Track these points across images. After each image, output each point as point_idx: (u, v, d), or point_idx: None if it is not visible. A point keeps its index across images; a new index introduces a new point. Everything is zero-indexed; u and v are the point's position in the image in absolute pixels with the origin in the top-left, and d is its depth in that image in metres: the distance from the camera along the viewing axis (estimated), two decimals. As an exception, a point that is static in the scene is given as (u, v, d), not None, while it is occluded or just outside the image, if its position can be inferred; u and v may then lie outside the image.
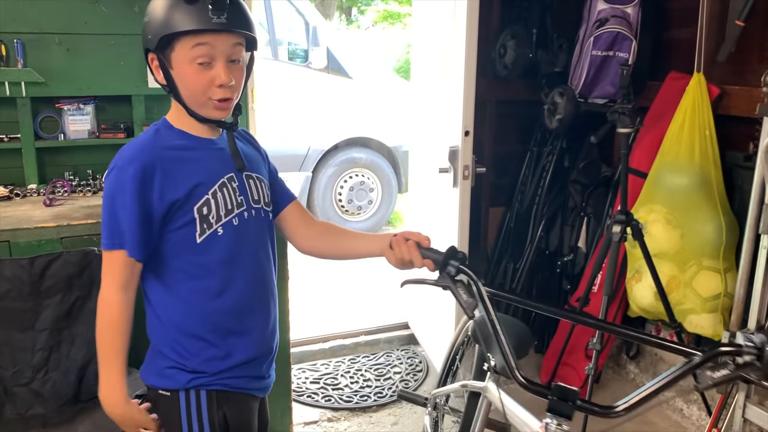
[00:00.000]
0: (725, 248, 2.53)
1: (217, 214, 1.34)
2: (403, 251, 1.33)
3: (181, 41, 1.26)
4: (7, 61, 2.72)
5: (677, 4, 2.99)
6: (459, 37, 2.66)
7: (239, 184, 1.39)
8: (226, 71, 1.29)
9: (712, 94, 2.62)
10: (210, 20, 1.24)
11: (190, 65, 1.28)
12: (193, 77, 1.28)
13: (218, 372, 1.39)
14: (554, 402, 1.08)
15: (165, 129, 1.38)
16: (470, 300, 1.22)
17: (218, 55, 1.28)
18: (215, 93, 1.30)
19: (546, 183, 3.38)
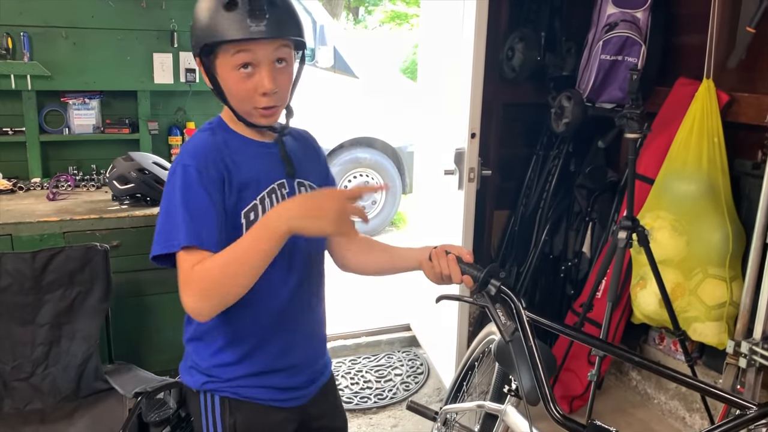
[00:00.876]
0: (731, 256, 2.51)
1: None
2: (442, 265, 1.27)
3: (223, 48, 1.22)
4: (14, 54, 2.72)
5: (687, 10, 2.97)
6: (467, 39, 2.64)
7: (289, 191, 1.33)
8: (270, 78, 1.23)
9: (721, 101, 2.60)
10: (248, 28, 1.18)
11: (233, 72, 1.23)
12: (237, 85, 1.24)
13: (229, 379, 1.35)
14: None
15: (220, 129, 1.32)
16: (509, 323, 1.16)
17: (261, 61, 1.23)
18: (259, 101, 1.25)
19: (551, 187, 3.36)
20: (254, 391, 1.36)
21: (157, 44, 2.92)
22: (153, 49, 2.91)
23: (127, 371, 2.22)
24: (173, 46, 2.92)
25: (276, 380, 1.37)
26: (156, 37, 2.91)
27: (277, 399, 1.38)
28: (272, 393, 1.37)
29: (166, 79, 2.95)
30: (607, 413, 2.98)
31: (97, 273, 2.20)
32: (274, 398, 1.38)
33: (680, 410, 2.92)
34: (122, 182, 2.56)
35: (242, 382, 1.35)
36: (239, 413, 1.35)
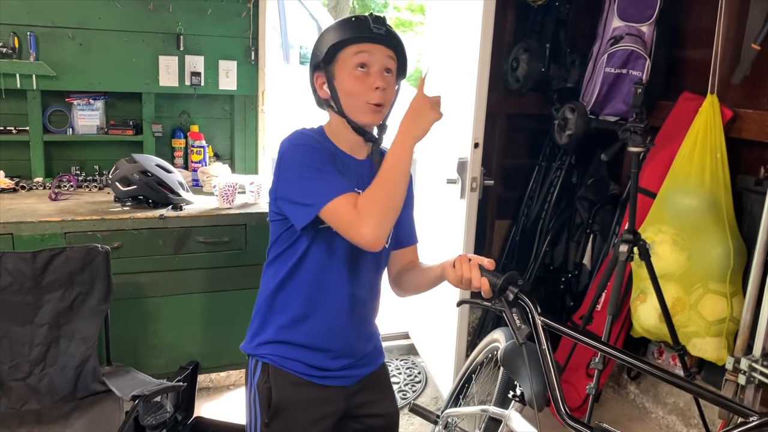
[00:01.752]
0: (732, 272, 2.50)
1: None
2: (464, 269, 1.35)
3: (344, 51, 1.43)
4: (20, 53, 2.73)
5: (693, 25, 2.98)
6: (472, 49, 2.64)
7: None
8: (382, 76, 1.44)
9: (725, 117, 2.60)
10: (371, 30, 1.42)
11: (351, 72, 1.43)
12: (354, 82, 1.43)
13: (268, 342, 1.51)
14: None
15: (322, 136, 1.50)
16: (524, 327, 1.21)
17: (375, 63, 1.43)
18: (372, 96, 1.43)
19: (553, 198, 3.36)
20: (292, 363, 1.50)
21: (163, 47, 2.92)
22: (159, 51, 2.92)
23: (124, 373, 2.21)
24: (179, 49, 2.93)
25: (314, 359, 1.50)
26: (162, 40, 2.92)
27: (313, 375, 1.50)
28: (306, 368, 1.50)
29: (171, 82, 2.96)
30: (604, 426, 2.97)
31: (98, 274, 2.20)
32: (309, 374, 1.50)
33: (678, 425, 2.91)
34: (125, 184, 2.56)
35: (282, 350, 1.50)
36: (274, 382, 1.49)
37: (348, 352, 1.55)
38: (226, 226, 2.59)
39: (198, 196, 2.80)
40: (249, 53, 3.09)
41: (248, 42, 3.08)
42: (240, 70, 3.08)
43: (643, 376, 3.16)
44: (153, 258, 2.50)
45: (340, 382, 1.55)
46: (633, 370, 3.21)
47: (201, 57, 2.99)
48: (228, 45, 3.05)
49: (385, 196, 1.32)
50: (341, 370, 1.54)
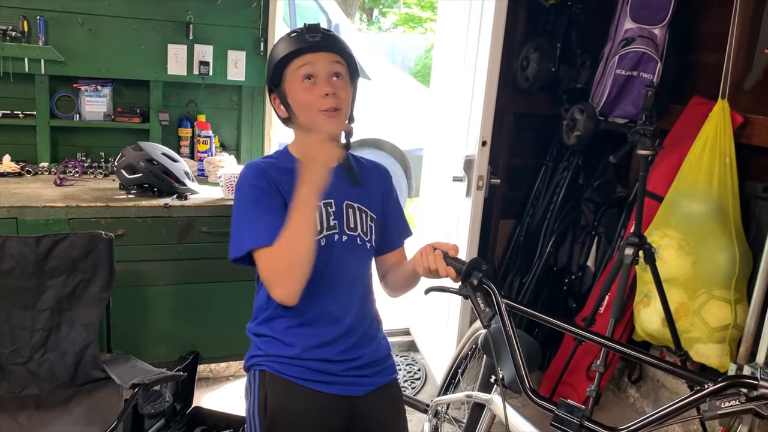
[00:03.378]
0: (737, 279, 2.49)
1: None
2: (429, 259, 1.37)
3: (289, 68, 1.45)
4: (29, 37, 2.72)
5: (706, 29, 2.96)
6: (483, 47, 2.63)
7: (336, 210, 1.49)
8: (327, 82, 1.44)
9: (735, 122, 2.59)
10: (306, 41, 1.43)
11: (299, 85, 1.45)
12: (303, 94, 1.44)
13: (266, 354, 1.47)
14: (560, 417, 1.08)
15: (284, 157, 1.52)
16: (488, 310, 1.25)
17: (320, 71, 1.44)
18: (322, 104, 1.43)
19: (559, 199, 3.35)
20: (286, 367, 1.45)
21: (173, 35, 2.91)
22: (168, 39, 2.91)
23: (124, 361, 2.21)
24: (188, 38, 2.92)
25: (309, 362, 1.46)
26: (171, 28, 2.91)
27: (308, 378, 1.45)
28: (303, 372, 1.45)
29: (180, 71, 2.95)
30: (603, 429, 2.96)
31: (101, 261, 2.20)
32: (304, 377, 1.45)
33: (677, 430, 2.90)
34: (130, 171, 2.55)
35: (276, 356, 1.46)
36: (270, 388, 1.44)
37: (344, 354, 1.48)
38: (230, 216, 2.58)
39: (203, 186, 2.79)
40: (258, 44, 3.07)
41: (258, 33, 3.07)
42: (249, 60, 3.07)
43: (644, 380, 3.15)
44: (156, 247, 2.50)
45: (346, 390, 1.48)
46: (634, 374, 3.20)
47: (210, 46, 2.98)
48: (237, 35, 3.03)
49: (286, 257, 1.32)
50: (341, 377, 1.47)
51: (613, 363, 3.00)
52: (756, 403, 1.00)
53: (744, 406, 1.01)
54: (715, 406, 1.02)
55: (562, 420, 1.08)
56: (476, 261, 1.30)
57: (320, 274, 1.42)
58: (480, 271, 1.29)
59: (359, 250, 1.52)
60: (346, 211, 1.50)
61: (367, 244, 1.53)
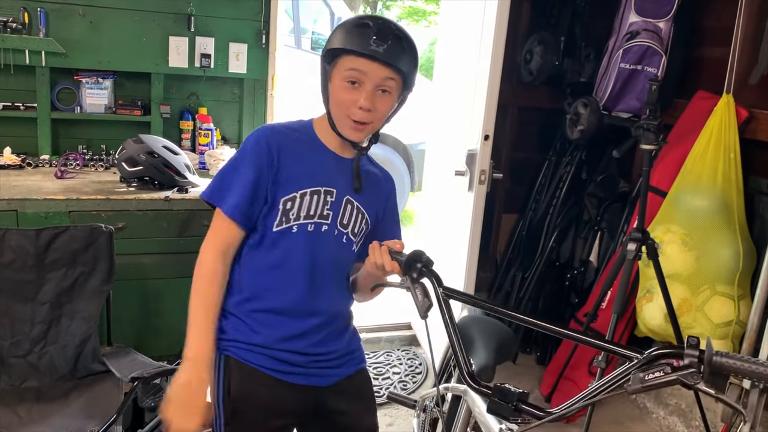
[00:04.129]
0: (741, 275, 2.47)
1: (297, 214, 1.41)
2: (375, 255, 1.37)
3: (342, 58, 1.36)
4: (29, 29, 2.71)
5: (711, 23, 2.93)
6: (486, 40, 2.61)
7: (334, 201, 1.45)
8: (369, 96, 1.36)
9: (740, 117, 2.57)
10: (367, 46, 1.32)
11: (341, 82, 1.37)
12: (340, 93, 1.38)
13: (232, 339, 1.43)
14: (494, 402, 1.09)
15: (306, 129, 1.48)
16: (425, 300, 1.24)
17: (367, 81, 1.35)
18: (354, 113, 1.38)
19: (562, 193, 3.33)
20: (251, 354, 1.42)
21: (174, 27, 2.90)
22: (169, 32, 2.89)
23: (124, 355, 2.20)
24: (190, 30, 2.90)
25: (276, 352, 1.43)
26: (173, 20, 2.90)
27: (273, 368, 1.43)
28: (268, 360, 1.43)
29: (181, 63, 2.93)
30: (604, 425, 2.96)
31: (101, 254, 2.19)
32: (269, 366, 1.43)
33: (679, 426, 2.90)
34: (131, 164, 2.54)
35: (241, 343, 1.43)
36: (233, 374, 1.42)
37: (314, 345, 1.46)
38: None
39: (204, 179, 2.78)
40: (260, 36, 3.06)
41: (260, 25, 3.05)
42: (250, 53, 3.05)
43: (646, 375, 3.13)
44: (157, 240, 2.49)
45: (312, 381, 1.46)
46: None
47: (211, 39, 2.96)
48: (239, 27, 3.02)
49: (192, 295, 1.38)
50: (307, 368, 1.45)
51: (615, 359, 2.99)
52: (680, 373, 0.97)
53: (669, 377, 0.98)
54: (639, 378, 0.99)
55: (496, 405, 1.09)
56: (416, 253, 1.30)
57: (302, 262, 1.42)
58: (420, 262, 1.29)
59: (344, 248, 1.48)
60: (344, 205, 1.46)
61: (354, 245, 1.50)
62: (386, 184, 1.60)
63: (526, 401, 1.08)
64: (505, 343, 1.79)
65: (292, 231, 1.41)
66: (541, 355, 3.41)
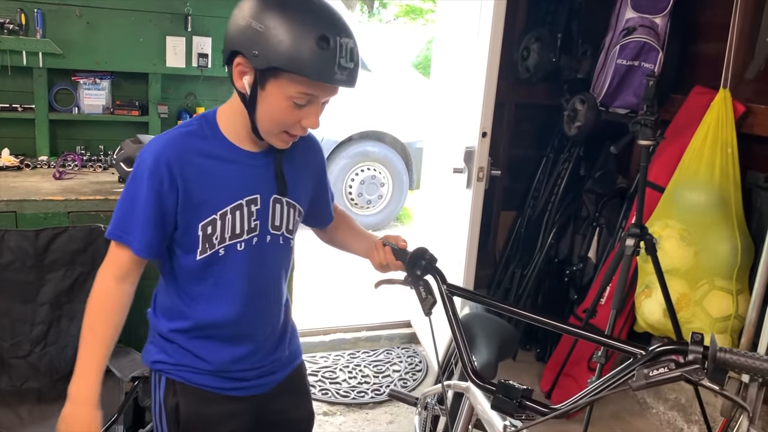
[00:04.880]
0: (739, 269, 2.48)
1: (221, 236, 1.27)
2: (380, 256, 1.36)
3: (292, 78, 1.15)
4: (26, 30, 2.70)
5: (708, 18, 2.94)
6: (483, 37, 2.61)
7: (260, 208, 1.30)
8: (317, 118, 1.23)
9: (737, 112, 2.57)
10: (333, 75, 1.14)
11: (284, 101, 1.18)
12: (283, 113, 1.20)
13: (176, 364, 1.36)
14: (498, 399, 1.09)
15: (208, 128, 1.28)
16: (429, 297, 1.25)
17: (316, 101, 1.21)
18: (295, 130, 1.24)
19: (560, 190, 3.34)
20: (199, 377, 1.35)
21: (171, 27, 2.90)
22: (166, 32, 2.89)
23: (124, 354, 2.20)
24: (187, 30, 2.90)
25: (225, 373, 1.37)
26: (170, 20, 2.89)
27: (223, 387, 1.37)
28: (218, 381, 1.37)
29: (178, 63, 2.93)
30: (604, 420, 2.96)
31: (100, 255, 2.18)
32: (219, 386, 1.37)
33: (679, 421, 2.90)
34: (129, 164, 2.54)
35: (188, 367, 1.35)
36: (181, 397, 1.35)
37: (256, 359, 1.40)
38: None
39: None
40: (257, 36, 3.05)
41: (257, 24, 3.05)
42: (248, 52, 3.05)
43: (645, 371, 3.14)
44: (156, 240, 2.49)
45: (255, 391, 1.41)
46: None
47: (209, 38, 2.96)
48: (236, 27, 3.01)
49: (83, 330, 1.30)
50: (252, 380, 1.40)
51: (615, 354, 3.00)
52: (685, 369, 0.98)
53: (673, 373, 0.98)
54: (644, 375, 1.00)
55: (500, 402, 1.10)
56: (420, 250, 1.31)
57: (238, 286, 1.32)
58: (424, 259, 1.29)
59: (281, 250, 1.37)
60: (273, 207, 1.32)
61: (290, 242, 1.40)
62: (315, 149, 1.45)
63: (530, 398, 1.09)
64: (506, 340, 1.79)
65: (219, 255, 1.28)
66: (540, 352, 3.42)
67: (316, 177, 1.45)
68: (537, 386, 3.18)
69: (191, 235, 1.26)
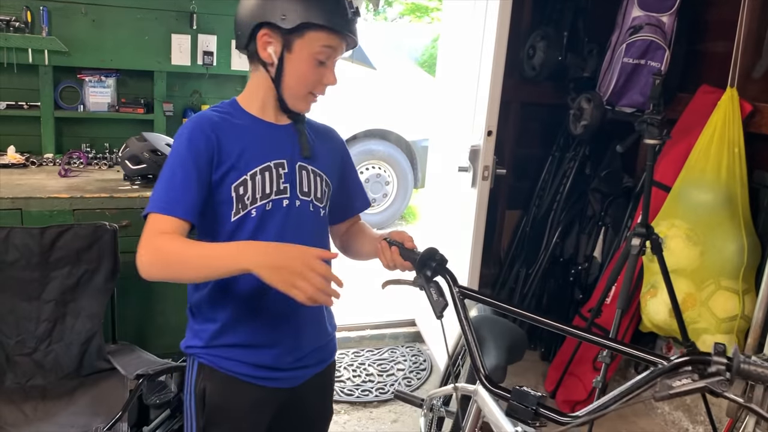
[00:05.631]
0: (746, 269, 2.47)
1: (252, 197, 1.31)
2: (386, 257, 1.36)
3: (315, 33, 1.27)
4: (32, 28, 2.71)
5: (715, 16, 2.92)
6: (489, 36, 2.61)
7: (288, 172, 1.35)
8: (334, 73, 1.33)
9: (744, 111, 2.56)
10: (348, 26, 1.28)
11: (310, 59, 1.29)
12: (310, 71, 1.31)
13: (208, 346, 1.37)
14: (513, 406, 1.07)
15: (233, 108, 1.38)
16: (440, 300, 1.23)
17: (333, 56, 1.32)
18: (318, 89, 1.34)
19: (566, 189, 3.32)
20: (230, 363, 1.36)
21: (176, 25, 2.90)
22: (172, 29, 2.89)
23: (129, 352, 2.21)
24: (192, 28, 2.90)
25: (254, 356, 1.37)
26: (175, 18, 2.89)
27: (253, 375, 1.37)
28: (248, 368, 1.37)
29: (184, 61, 2.93)
30: (609, 420, 2.95)
31: (105, 252, 2.19)
32: (248, 374, 1.37)
33: (684, 421, 2.89)
34: (134, 162, 2.55)
35: (220, 352, 1.36)
36: (210, 382, 1.36)
37: (291, 347, 1.40)
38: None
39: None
40: (262, 34, 3.05)
41: (262, 22, 3.04)
42: (253, 50, 3.05)
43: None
44: (161, 237, 2.49)
45: (286, 384, 1.41)
46: (640, 365, 3.18)
47: (214, 36, 2.96)
48: (241, 25, 3.01)
49: (174, 265, 1.21)
50: (285, 371, 1.40)
51: (619, 356, 2.99)
52: (709, 381, 0.97)
53: (697, 384, 0.97)
54: (667, 385, 0.98)
55: (515, 409, 1.07)
56: (430, 251, 1.28)
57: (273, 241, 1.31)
58: (434, 260, 1.27)
59: (314, 218, 1.39)
60: (299, 173, 1.37)
61: (321, 211, 1.41)
62: (336, 139, 1.53)
63: (545, 405, 1.07)
64: (516, 343, 1.78)
65: (251, 215, 1.31)
66: (545, 351, 3.41)
67: (340, 157, 1.51)
68: (541, 386, 3.17)
69: (224, 195, 1.30)
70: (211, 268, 1.19)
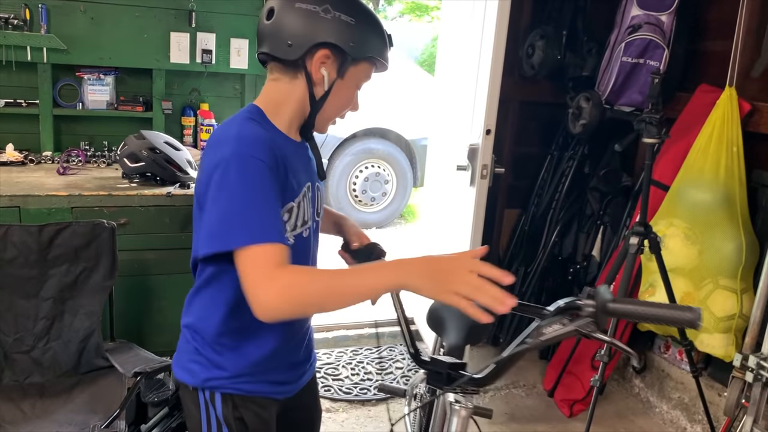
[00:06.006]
0: (744, 268, 2.47)
1: (294, 224, 1.26)
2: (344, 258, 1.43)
3: (368, 64, 1.29)
4: (31, 25, 2.71)
5: (714, 15, 2.92)
6: (487, 35, 2.61)
7: (312, 195, 1.33)
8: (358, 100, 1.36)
9: (743, 110, 2.56)
10: (387, 60, 1.32)
11: (354, 87, 1.32)
12: (350, 98, 1.33)
13: (237, 375, 1.30)
14: (431, 374, 1.17)
15: (264, 122, 1.25)
16: None
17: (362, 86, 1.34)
18: (343, 115, 1.37)
19: (564, 188, 3.32)
20: (258, 386, 1.32)
21: (175, 23, 2.90)
22: (170, 27, 2.89)
23: (127, 350, 2.21)
24: (191, 26, 2.90)
25: (275, 375, 1.36)
26: (174, 16, 2.89)
27: (276, 392, 1.37)
28: (272, 387, 1.35)
29: (182, 59, 2.93)
30: (607, 419, 2.96)
31: (103, 250, 2.19)
32: (274, 391, 1.36)
33: (682, 420, 2.89)
34: (133, 160, 2.55)
35: (247, 378, 1.30)
36: (244, 409, 1.31)
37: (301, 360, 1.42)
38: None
39: (206, 175, 2.78)
40: (261, 32, 3.05)
41: (261, 21, 3.04)
42: (252, 48, 3.05)
43: (649, 370, 3.14)
44: (159, 235, 2.49)
45: (288, 395, 1.40)
46: (639, 364, 3.19)
47: (212, 34, 2.96)
48: (240, 23, 3.01)
49: (316, 297, 1.08)
50: (292, 384, 1.41)
51: (618, 353, 2.99)
52: (578, 323, 1.06)
53: (567, 329, 1.07)
54: (540, 332, 1.08)
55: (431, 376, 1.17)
56: (369, 246, 1.36)
57: None
58: (373, 253, 1.35)
59: (317, 234, 1.40)
60: (317, 194, 1.37)
61: (320, 223, 1.43)
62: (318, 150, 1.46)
63: (457, 370, 1.13)
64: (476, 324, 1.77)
65: (288, 243, 1.22)
66: (543, 351, 3.41)
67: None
68: (540, 385, 3.18)
69: None
70: (362, 295, 1.07)
